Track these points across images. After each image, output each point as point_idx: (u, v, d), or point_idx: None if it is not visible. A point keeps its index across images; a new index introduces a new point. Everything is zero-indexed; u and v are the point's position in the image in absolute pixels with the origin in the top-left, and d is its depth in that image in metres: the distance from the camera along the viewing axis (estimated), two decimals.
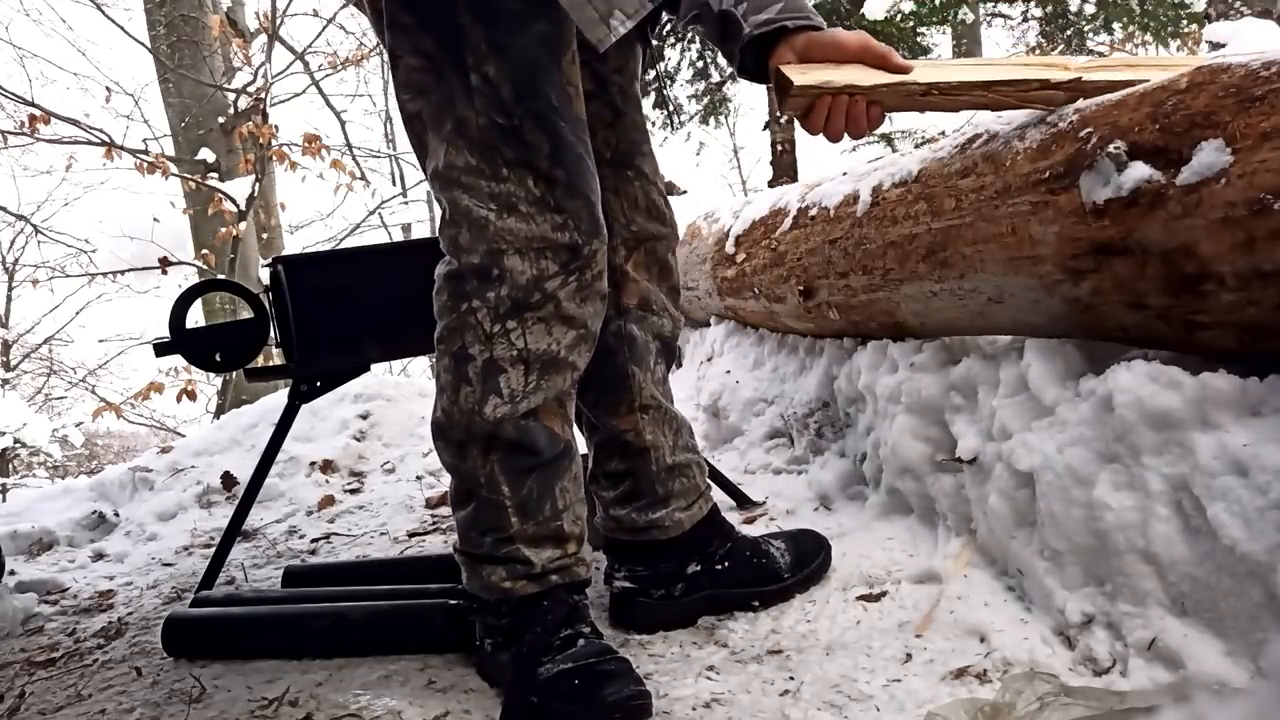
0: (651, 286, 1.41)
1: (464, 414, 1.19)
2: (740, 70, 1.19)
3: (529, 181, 1.15)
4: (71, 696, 1.40)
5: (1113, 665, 1.05)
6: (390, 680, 1.30)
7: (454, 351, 1.20)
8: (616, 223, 1.37)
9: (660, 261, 1.42)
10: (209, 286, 2.02)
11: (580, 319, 1.20)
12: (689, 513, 1.41)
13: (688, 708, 1.13)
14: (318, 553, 2.17)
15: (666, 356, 1.45)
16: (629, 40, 1.36)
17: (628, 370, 1.39)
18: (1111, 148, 1.02)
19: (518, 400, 1.18)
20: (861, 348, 1.84)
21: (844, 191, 1.73)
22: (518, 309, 1.17)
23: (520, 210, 1.15)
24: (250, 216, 7.05)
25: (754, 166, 12.13)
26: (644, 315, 1.40)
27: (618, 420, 1.40)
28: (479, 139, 1.15)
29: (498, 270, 1.16)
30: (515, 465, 1.20)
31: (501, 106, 1.13)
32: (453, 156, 1.16)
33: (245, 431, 3.14)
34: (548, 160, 1.15)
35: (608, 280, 1.36)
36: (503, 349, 1.17)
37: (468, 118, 1.14)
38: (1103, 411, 1.09)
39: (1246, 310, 0.94)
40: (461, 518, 1.24)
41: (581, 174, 1.17)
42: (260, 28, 7.81)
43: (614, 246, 1.37)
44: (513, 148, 1.15)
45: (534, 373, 1.19)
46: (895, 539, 1.54)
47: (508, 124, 1.14)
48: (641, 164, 1.39)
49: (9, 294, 11.28)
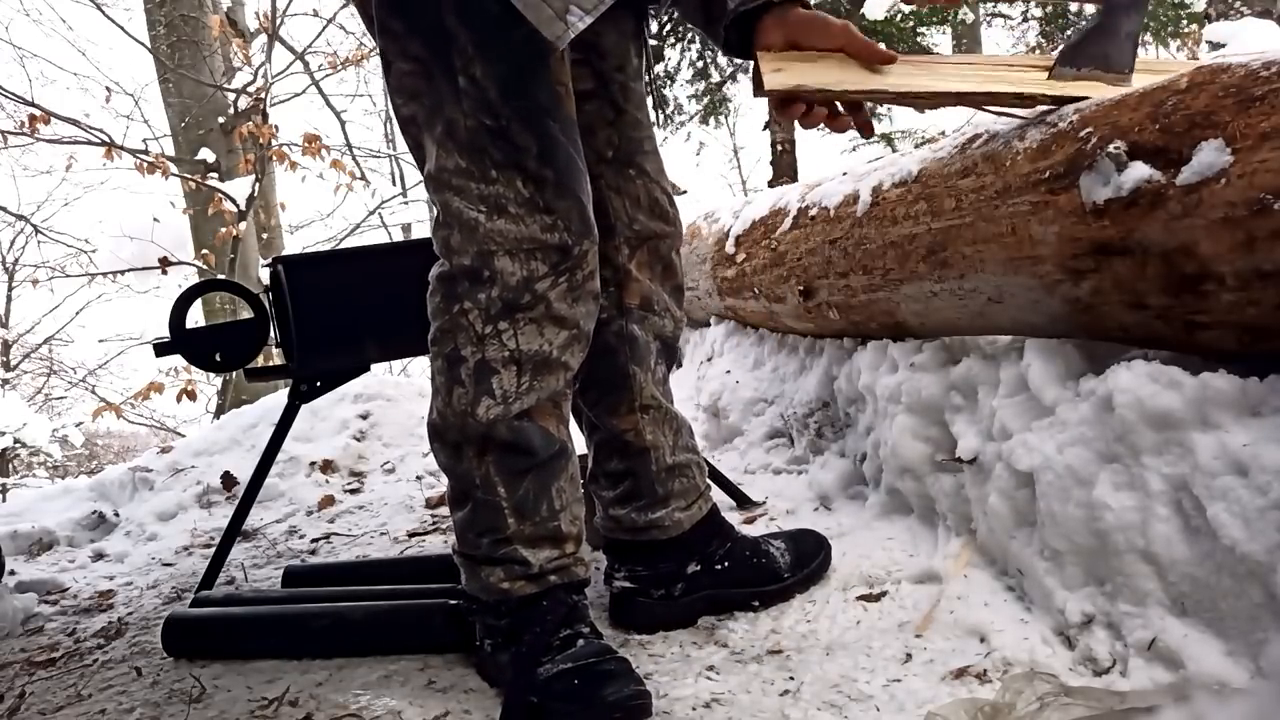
0: (654, 286, 1.41)
1: (458, 415, 1.19)
2: (725, 48, 1.21)
3: (518, 182, 1.15)
4: (71, 696, 1.40)
5: (1113, 665, 1.05)
6: (390, 680, 1.30)
7: (447, 353, 1.20)
8: (619, 221, 1.37)
9: (664, 260, 1.42)
10: (209, 286, 2.02)
11: (572, 319, 1.20)
12: (689, 513, 1.41)
13: (688, 708, 1.13)
14: (318, 553, 2.17)
15: (668, 357, 1.45)
16: (628, 36, 1.36)
17: (628, 370, 1.39)
18: (1111, 148, 1.02)
19: (510, 401, 1.18)
20: (861, 348, 1.84)
21: (844, 191, 1.73)
22: (509, 310, 1.17)
23: (510, 211, 1.15)
24: (250, 216, 7.05)
25: (754, 166, 12.14)
26: (645, 315, 1.40)
27: (618, 420, 1.40)
28: (468, 141, 1.15)
29: (488, 272, 1.17)
30: (510, 466, 1.20)
31: (489, 108, 1.14)
32: (443, 159, 1.17)
33: (245, 431, 3.13)
34: (536, 160, 1.15)
35: (610, 279, 1.36)
36: (494, 350, 1.17)
37: (456, 120, 1.15)
38: (1103, 411, 1.09)
39: (1246, 310, 0.94)
40: (459, 519, 1.25)
41: (571, 174, 1.17)
42: (260, 28, 7.81)
43: (616, 246, 1.37)
44: (501, 149, 1.15)
45: (526, 373, 1.19)
46: (895, 539, 1.54)
47: (495, 125, 1.14)
48: (644, 162, 1.39)
49: (9, 294, 11.29)
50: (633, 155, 1.38)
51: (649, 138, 1.41)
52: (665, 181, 1.42)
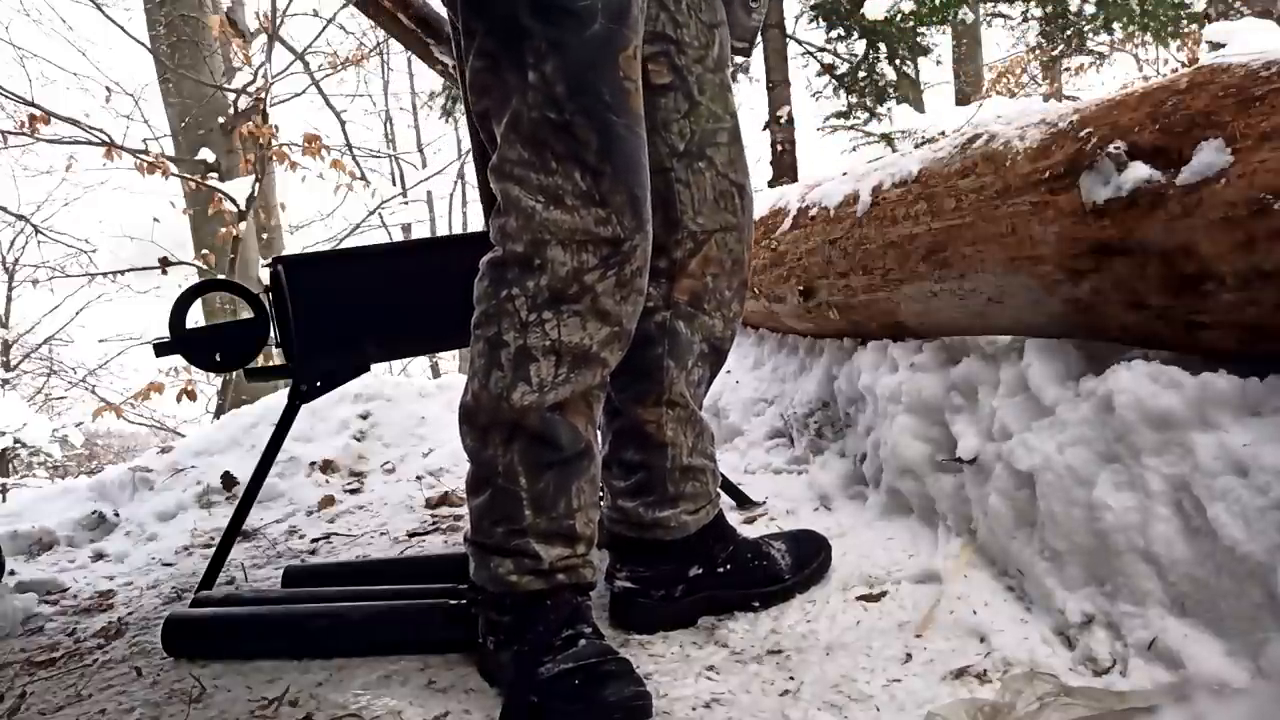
0: (711, 284, 1.39)
1: (492, 399, 1.20)
2: None
3: (576, 175, 1.16)
4: (71, 696, 1.40)
5: (1113, 665, 1.05)
6: (390, 680, 1.30)
7: (489, 336, 1.21)
8: (684, 215, 1.36)
9: (733, 254, 1.40)
10: (209, 286, 2.01)
11: (616, 316, 1.21)
12: (696, 517, 1.41)
13: (688, 708, 1.13)
14: (318, 553, 2.17)
15: (713, 361, 1.43)
16: (710, 26, 1.36)
17: (663, 363, 1.38)
18: (1111, 148, 1.02)
19: (545, 391, 1.19)
20: (861, 348, 1.84)
21: (844, 191, 1.74)
22: (555, 300, 1.17)
23: (566, 203, 1.16)
24: (250, 216, 7.05)
25: (754, 166, 12.09)
26: (695, 313, 1.39)
27: (643, 410, 1.39)
28: (530, 133, 1.16)
29: (539, 260, 1.17)
30: (535, 458, 1.21)
31: (554, 103, 1.15)
32: (506, 150, 1.18)
33: (245, 431, 3.13)
34: (596, 155, 1.16)
35: (664, 271, 1.36)
36: (536, 338, 1.18)
37: (521, 112, 1.16)
38: (1103, 411, 1.09)
39: (1246, 310, 0.94)
40: (476, 505, 1.24)
41: (630, 169, 1.18)
42: (260, 28, 7.81)
43: (679, 240, 1.37)
44: (562, 142, 1.16)
45: (564, 365, 1.19)
46: (895, 539, 1.54)
47: (559, 119, 1.15)
48: (714, 154, 1.37)
49: (9, 294, 11.30)
50: (704, 147, 1.37)
51: (725, 129, 1.39)
52: (736, 173, 1.40)
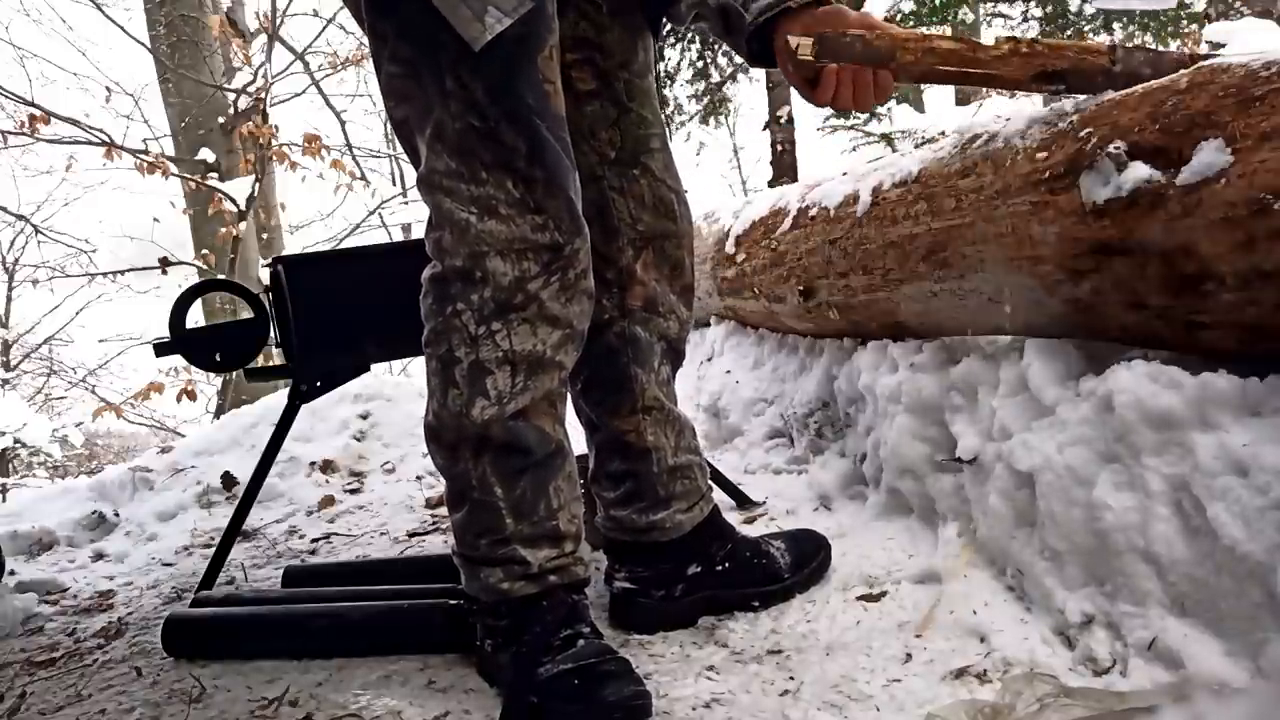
0: (659, 287, 1.40)
1: (453, 417, 1.19)
2: (750, 59, 1.22)
3: (508, 183, 1.15)
4: (71, 696, 1.40)
5: (1113, 665, 1.04)
6: (390, 680, 1.30)
7: (441, 355, 1.20)
8: (622, 223, 1.37)
9: (671, 260, 1.41)
10: (209, 286, 2.02)
11: (565, 319, 1.20)
12: (690, 515, 1.41)
13: (688, 708, 1.13)
14: (318, 553, 2.17)
15: (673, 358, 1.44)
16: (634, 31, 1.36)
17: (630, 372, 1.39)
18: (1111, 148, 1.02)
19: (505, 402, 1.18)
20: (861, 348, 1.84)
21: (844, 191, 1.73)
22: (501, 310, 1.17)
23: (500, 212, 1.15)
24: (250, 216, 7.04)
25: (754, 166, 12.13)
26: (650, 317, 1.40)
27: (620, 421, 1.40)
28: (457, 143, 1.15)
29: (480, 272, 1.16)
30: (507, 466, 1.20)
31: (477, 109, 1.13)
32: (434, 161, 1.17)
33: (245, 431, 3.13)
34: (525, 161, 1.15)
35: (613, 281, 1.36)
36: (488, 351, 1.17)
37: (445, 122, 1.15)
38: (1103, 411, 1.09)
39: (1246, 310, 0.94)
40: (457, 520, 1.24)
41: (561, 172, 1.17)
42: (260, 28, 7.81)
43: (620, 247, 1.37)
44: (490, 150, 1.15)
45: (520, 374, 1.18)
46: (895, 539, 1.54)
47: (484, 127, 1.14)
48: (649, 160, 1.38)
49: (9, 294, 11.30)
50: (638, 154, 1.37)
51: (656, 135, 1.39)
52: (673, 179, 1.41)
